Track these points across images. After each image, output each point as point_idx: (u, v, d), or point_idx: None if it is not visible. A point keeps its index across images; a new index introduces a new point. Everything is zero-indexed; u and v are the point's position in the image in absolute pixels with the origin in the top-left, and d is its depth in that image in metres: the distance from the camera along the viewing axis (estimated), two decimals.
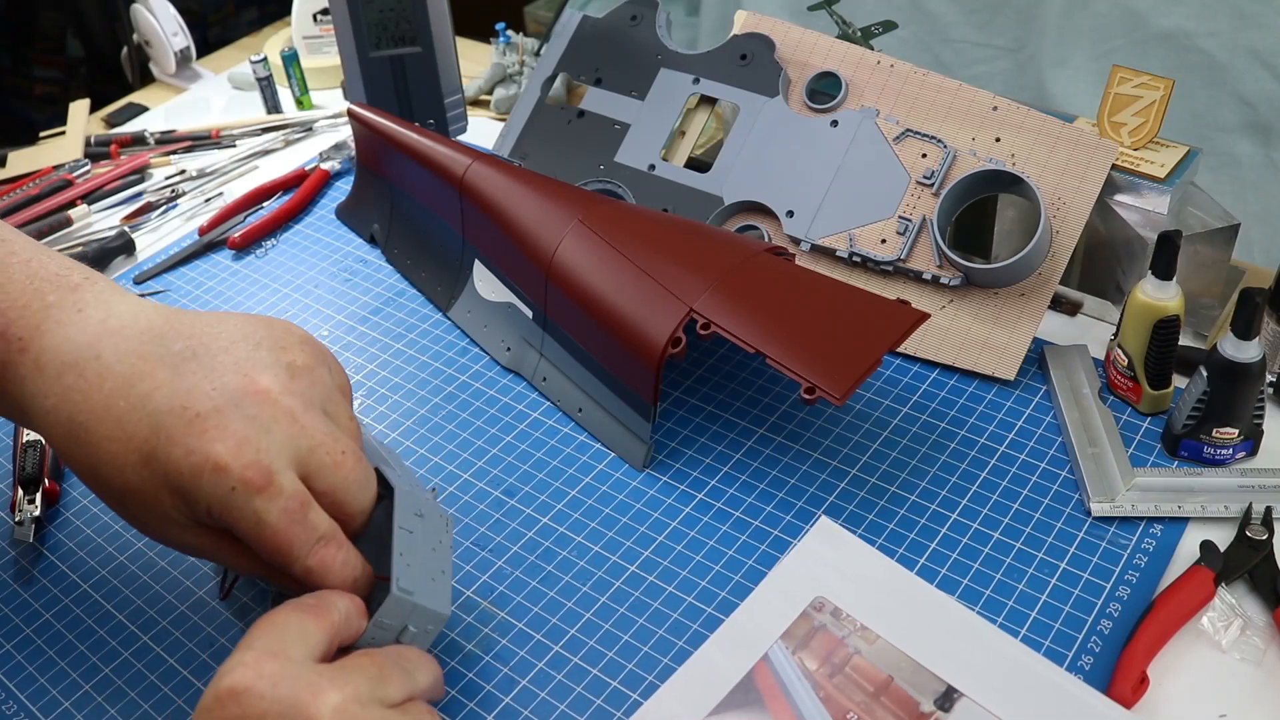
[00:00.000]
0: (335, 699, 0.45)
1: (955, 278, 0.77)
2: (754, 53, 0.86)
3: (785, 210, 0.82)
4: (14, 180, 1.06)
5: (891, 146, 0.80)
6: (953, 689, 0.55)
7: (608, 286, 0.71)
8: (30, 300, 0.54)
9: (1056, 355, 0.75)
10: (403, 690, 0.49)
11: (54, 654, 0.63)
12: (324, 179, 1.03)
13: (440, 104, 1.01)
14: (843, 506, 0.67)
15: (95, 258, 0.94)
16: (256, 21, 1.54)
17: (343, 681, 0.46)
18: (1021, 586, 0.62)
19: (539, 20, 1.49)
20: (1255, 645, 0.58)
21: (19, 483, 0.71)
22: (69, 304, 0.55)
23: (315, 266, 0.93)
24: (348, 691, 0.46)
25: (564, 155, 0.92)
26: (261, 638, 0.47)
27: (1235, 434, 0.67)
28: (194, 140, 1.11)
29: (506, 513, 0.69)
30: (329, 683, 0.46)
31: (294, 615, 0.49)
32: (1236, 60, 1.12)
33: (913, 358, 0.78)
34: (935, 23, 1.30)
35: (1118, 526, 0.65)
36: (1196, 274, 0.76)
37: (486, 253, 0.82)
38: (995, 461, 0.70)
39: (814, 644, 0.58)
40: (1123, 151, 0.76)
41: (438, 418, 0.77)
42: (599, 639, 0.61)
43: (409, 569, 0.53)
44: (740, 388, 0.77)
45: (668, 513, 0.68)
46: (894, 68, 0.82)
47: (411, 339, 0.84)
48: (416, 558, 0.54)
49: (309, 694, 0.45)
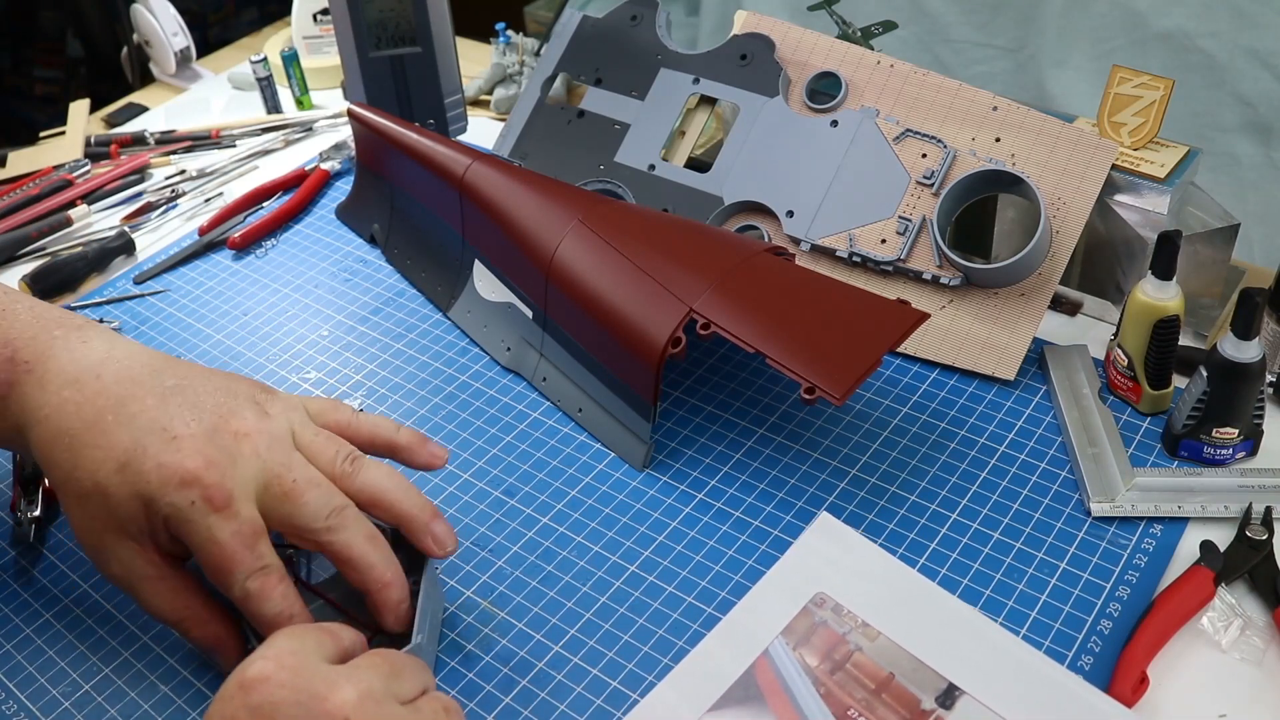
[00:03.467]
0: (351, 693, 0.47)
1: (955, 278, 0.77)
2: (754, 53, 0.86)
3: (785, 210, 0.82)
4: (14, 180, 1.06)
5: (891, 146, 0.80)
6: (954, 686, 0.55)
7: (608, 286, 0.71)
8: (38, 333, 0.60)
9: (1056, 355, 0.75)
10: (416, 685, 0.51)
11: (54, 654, 0.63)
12: (324, 179, 1.03)
13: (440, 104, 1.01)
14: (843, 506, 0.67)
15: (95, 258, 0.94)
16: (256, 21, 1.54)
17: (358, 678, 0.48)
18: (1021, 586, 0.62)
19: (539, 20, 1.49)
20: (1255, 645, 0.58)
21: (19, 483, 0.71)
22: (74, 337, 0.60)
23: (315, 266, 0.93)
24: (363, 687, 0.48)
25: (564, 155, 0.92)
26: (283, 640, 0.50)
27: (1235, 434, 0.67)
28: (194, 140, 1.11)
29: (506, 513, 0.69)
30: (345, 678, 0.48)
31: (312, 630, 0.52)
32: (1236, 60, 1.12)
33: (913, 358, 0.78)
34: (935, 23, 1.30)
35: (1118, 526, 0.65)
36: (1196, 274, 0.76)
37: (486, 253, 0.82)
38: (995, 461, 0.70)
39: (815, 640, 0.58)
40: (1123, 151, 0.76)
41: (438, 418, 0.77)
42: (599, 639, 0.61)
43: (423, 624, 0.57)
44: (740, 388, 0.77)
45: (668, 513, 0.68)
46: (894, 68, 0.82)
47: (411, 339, 0.84)
48: (427, 616, 0.58)
49: (326, 686, 0.47)
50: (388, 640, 0.58)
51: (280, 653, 0.49)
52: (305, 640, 0.50)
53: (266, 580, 0.55)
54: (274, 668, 0.48)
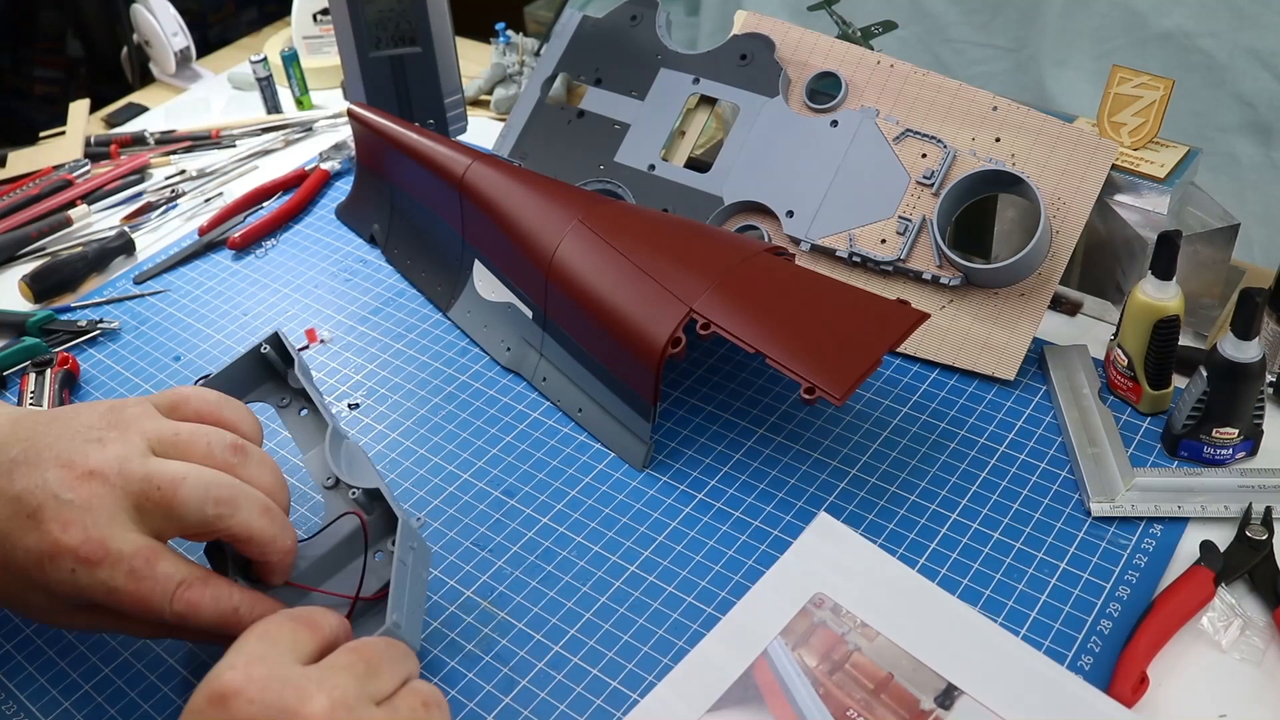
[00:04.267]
0: (323, 703, 0.45)
1: (955, 278, 0.77)
2: (754, 53, 0.86)
3: (785, 210, 0.82)
4: (14, 180, 1.06)
5: (891, 146, 0.80)
6: (953, 686, 0.55)
7: (608, 286, 0.71)
8: None
9: (1056, 355, 0.75)
10: (396, 677, 0.49)
11: (54, 654, 0.63)
12: (324, 179, 1.03)
13: (440, 104, 1.01)
14: (843, 506, 0.67)
15: (95, 258, 0.94)
16: (256, 21, 1.54)
17: (331, 684, 0.47)
18: (1021, 586, 0.62)
19: (539, 20, 1.49)
20: (1255, 645, 0.58)
21: None
22: None
23: (315, 266, 0.93)
24: (336, 694, 0.46)
25: (564, 155, 0.92)
26: (253, 642, 0.48)
27: (1235, 434, 0.67)
28: (194, 140, 1.11)
29: (506, 513, 0.69)
30: (316, 686, 0.46)
31: (288, 624, 0.50)
32: (1236, 60, 1.12)
33: (913, 358, 0.78)
34: (935, 23, 1.30)
35: (1118, 526, 0.65)
36: (1196, 274, 0.76)
37: (486, 253, 0.82)
38: (995, 461, 0.70)
39: (814, 641, 0.58)
40: (1123, 151, 0.76)
41: (438, 418, 0.77)
42: (599, 639, 0.61)
43: (400, 601, 0.55)
44: (740, 388, 0.77)
45: (668, 513, 0.68)
46: (894, 68, 0.82)
47: (411, 339, 0.84)
48: (406, 590, 0.56)
49: (297, 697, 0.45)
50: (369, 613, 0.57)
51: (250, 660, 0.47)
52: (278, 641, 0.48)
53: (189, 596, 0.53)
54: (243, 680, 0.46)
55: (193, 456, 0.55)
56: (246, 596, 0.55)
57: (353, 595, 0.58)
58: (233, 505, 0.54)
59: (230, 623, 0.54)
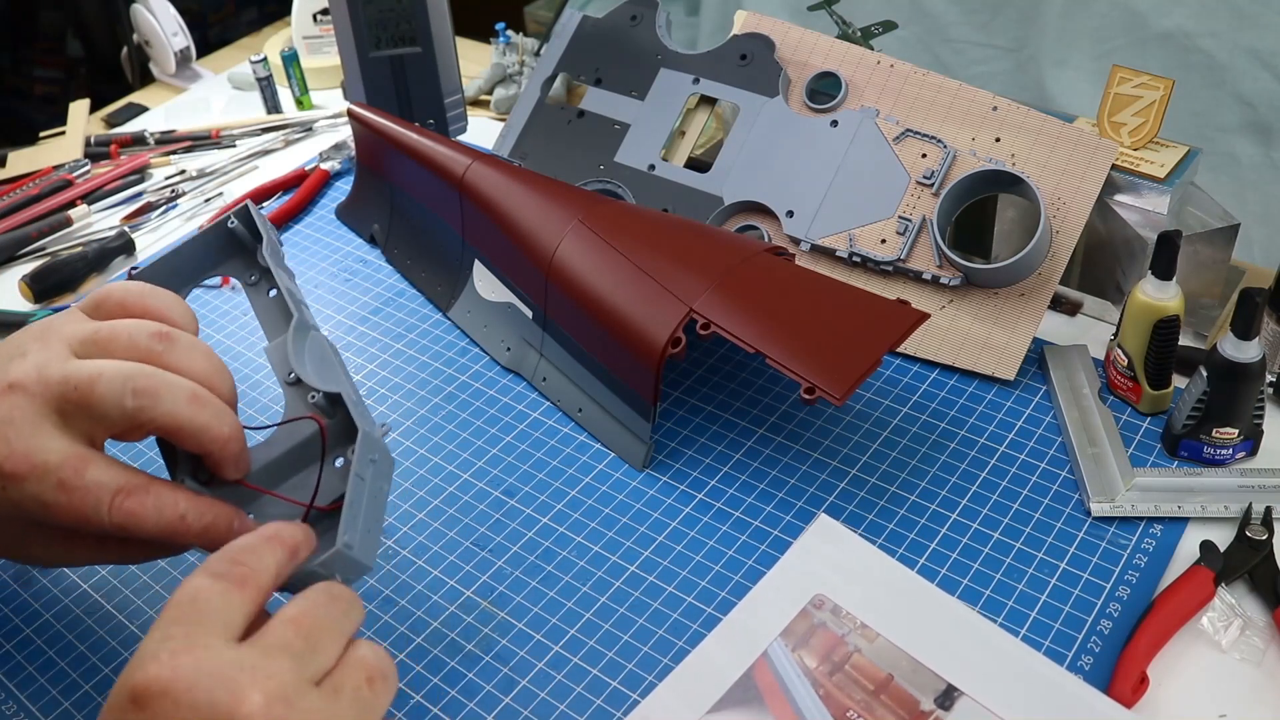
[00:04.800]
0: (258, 700, 0.41)
1: (955, 278, 0.77)
2: (754, 53, 0.86)
3: (785, 210, 0.82)
4: (14, 180, 1.06)
5: (891, 146, 0.80)
6: (953, 687, 0.55)
7: (608, 286, 0.71)
8: None
9: (1056, 355, 0.75)
10: (336, 646, 0.45)
11: (54, 654, 0.63)
12: (324, 179, 1.03)
13: (440, 104, 1.01)
14: (843, 506, 0.67)
15: (95, 258, 0.94)
16: (256, 21, 1.54)
17: (267, 672, 0.42)
18: (1021, 586, 0.62)
19: (539, 20, 1.49)
20: (1255, 645, 0.58)
21: None
22: None
23: (315, 266, 0.93)
24: (272, 685, 0.41)
25: (564, 155, 0.92)
26: (178, 621, 0.43)
27: (1235, 434, 0.67)
28: (194, 140, 1.11)
29: (506, 513, 0.69)
30: (250, 679, 0.41)
31: (216, 587, 0.44)
32: (1236, 60, 1.12)
33: (913, 358, 0.78)
34: (935, 23, 1.30)
35: (1118, 526, 0.65)
36: (1196, 274, 0.76)
37: (486, 253, 0.82)
38: (995, 461, 0.70)
39: (814, 642, 0.58)
40: (1123, 151, 0.76)
41: (438, 418, 0.77)
42: (599, 639, 0.61)
43: (354, 520, 0.50)
44: (740, 388, 0.77)
45: (668, 513, 0.68)
46: (894, 68, 0.82)
47: (411, 339, 0.84)
48: (362, 509, 0.51)
49: (229, 697, 0.41)
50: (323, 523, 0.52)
51: (175, 648, 0.42)
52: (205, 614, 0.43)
53: (127, 504, 0.50)
54: (169, 675, 0.41)
55: (114, 351, 0.51)
56: (194, 503, 0.51)
57: (306, 503, 0.53)
58: (153, 395, 0.50)
59: (178, 531, 0.50)
